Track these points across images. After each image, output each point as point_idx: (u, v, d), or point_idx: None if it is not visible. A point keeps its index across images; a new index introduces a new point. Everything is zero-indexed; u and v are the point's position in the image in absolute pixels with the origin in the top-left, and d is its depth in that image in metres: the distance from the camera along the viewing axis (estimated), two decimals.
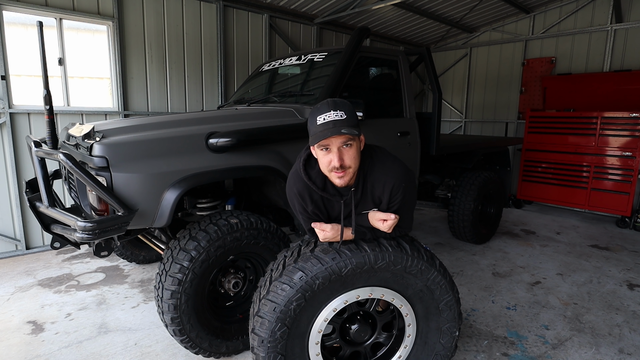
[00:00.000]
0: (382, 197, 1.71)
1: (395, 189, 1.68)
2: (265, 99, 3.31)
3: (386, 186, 1.69)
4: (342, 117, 1.51)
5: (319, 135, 1.52)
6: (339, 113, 1.52)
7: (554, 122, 6.04)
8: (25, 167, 4.05)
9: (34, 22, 2.34)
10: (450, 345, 1.96)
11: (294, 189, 1.75)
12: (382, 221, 1.70)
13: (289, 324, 1.68)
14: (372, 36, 7.28)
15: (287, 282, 1.68)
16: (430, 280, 1.83)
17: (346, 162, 1.57)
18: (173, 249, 2.20)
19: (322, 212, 1.78)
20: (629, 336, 2.76)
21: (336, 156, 1.54)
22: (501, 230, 5.28)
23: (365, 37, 3.19)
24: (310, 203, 1.74)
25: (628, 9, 5.95)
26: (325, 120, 1.51)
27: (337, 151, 1.55)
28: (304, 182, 1.71)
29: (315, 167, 1.71)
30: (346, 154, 1.56)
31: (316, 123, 1.54)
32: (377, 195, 1.73)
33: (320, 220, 1.80)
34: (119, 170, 1.99)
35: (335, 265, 1.67)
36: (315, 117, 1.55)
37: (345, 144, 1.56)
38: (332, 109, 1.53)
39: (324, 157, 1.59)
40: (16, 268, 3.82)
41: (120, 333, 2.73)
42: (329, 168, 1.59)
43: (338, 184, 1.64)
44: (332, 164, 1.56)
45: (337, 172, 1.58)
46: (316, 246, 1.78)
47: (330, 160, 1.56)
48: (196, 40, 5.04)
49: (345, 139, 1.55)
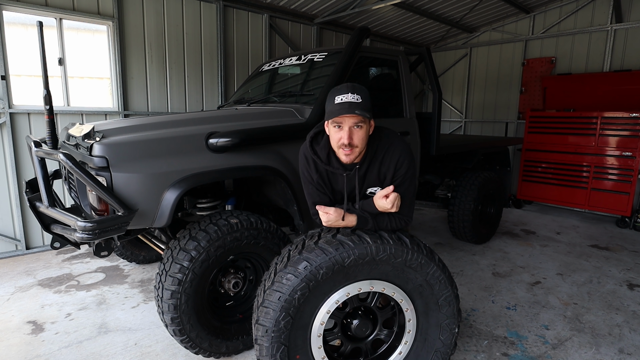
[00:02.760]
0: (387, 172, 1.84)
1: (400, 163, 1.82)
2: (265, 99, 3.30)
3: (392, 161, 1.83)
4: (358, 100, 1.67)
5: (334, 112, 1.69)
6: (356, 96, 1.67)
7: (554, 122, 6.04)
8: (25, 167, 4.05)
9: (34, 22, 2.34)
10: (449, 342, 1.97)
11: (302, 156, 1.93)
12: (384, 198, 1.77)
13: (293, 313, 1.71)
14: (372, 36, 7.28)
15: (292, 272, 1.72)
16: (430, 274, 1.86)
17: (355, 141, 1.72)
18: (173, 249, 2.20)
19: (326, 184, 1.92)
20: (629, 336, 2.76)
21: (346, 134, 1.70)
22: (501, 230, 5.28)
23: (365, 37, 3.19)
24: (315, 172, 1.90)
25: (628, 9, 5.95)
26: (342, 101, 1.67)
27: (348, 130, 1.70)
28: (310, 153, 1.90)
29: (320, 142, 1.88)
30: (356, 134, 1.71)
31: (334, 102, 1.69)
32: (382, 171, 1.85)
33: (325, 193, 1.91)
34: (119, 170, 1.99)
35: (339, 255, 1.71)
36: (334, 96, 1.71)
37: (357, 125, 1.70)
38: (351, 92, 1.68)
39: (336, 134, 1.74)
40: (16, 268, 3.82)
41: (120, 333, 2.73)
42: (338, 144, 1.74)
43: (344, 160, 1.78)
44: (342, 141, 1.71)
45: (344, 150, 1.73)
46: (320, 238, 1.81)
47: (340, 138, 1.72)
48: (196, 40, 5.04)
49: (357, 120, 1.69)
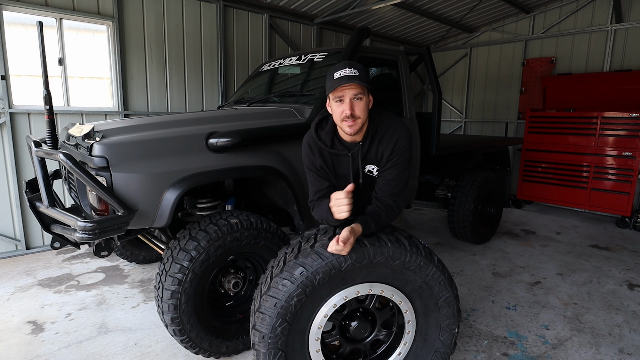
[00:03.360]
0: (385, 152, 1.89)
1: (398, 144, 1.87)
2: (265, 99, 3.30)
3: (391, 141, 1.88)
4: (355, 74, 1.76)
5: (334, 85, 1.77)
6: (353, 70, 1.77)
7: (554, 122, 6.04)
8: (25, 167, 4.05)
9: (34, 22, 2.33)
10: (449, 342, 1.96)
11: (306, 144, 2.00)
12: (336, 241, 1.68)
13: (289, 319, 1.69)
14: (372, 36, 7.28)
15: (288, 278, 1.69)
16: (429, 276, 1.84)
17: (356, 112, 1.79)
18: (173, 249, 2.20)
19: (330, 169, 1.98)
20: (629, 336, 2.76)
21: (348, 106, 1.78)
22: (501, 230, 5.28)
23: (365, 37, 3.19)
24: (319, 156, 1.96)
25: (628, 9, 5.95)
26: (340, 75, 1.77)
27: (349, 102, 1.78)
28: (315, 139, 1.97)
29: (325, 128, 1.96)
30: (357, 105, 1.79)
31: (333, 77, 1.79)
32: (380, 150, 1.90)
33: (327, 178, 1.97)
34: (119, 170, 1.99)
35: (336, 260, 1.69)
36: (333, 73, 1.80)
37: (356, 97, 1.79)
38: (348, 67, 1.78)
39: (338, 108, 1.81)
40: (16, 268, 3.82)
41: (120, 333, 2.73)
42: (341, 117, 1.81)
43: (348, 132, 1.84)
44: (344, 113, 1.78)
45: (347, 121, 1.80)
46: (316, 242, 1.79)
47: (342, 110, 1.79)
48: (196, 40, 5.04)
49: (357, 92, 1.78)
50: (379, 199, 1.88)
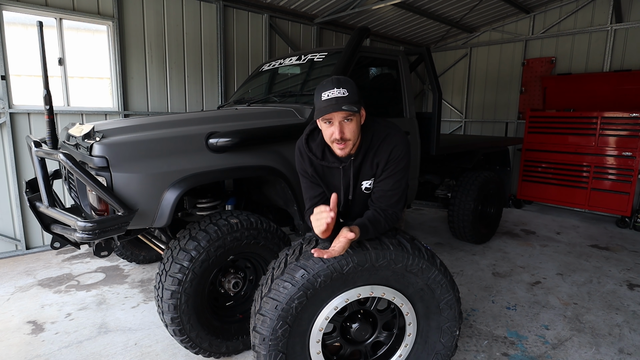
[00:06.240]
0: (380, 161, 1.83)
1: (394, 153, 1.80)
2: (265, 99, 3.30)
3: (387, 150, 1.81)
4: (344, 95, 1.65)
5: (322, 111, 1.68)
6: (342, 90, 1.65)
7: (554, 122, 6.04)
8: (25, 167, 4.05)
9: (34, 22, 2.34)
10: (450, 344, 1.96)
11: (298, 151, 1.94)
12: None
13: (290, 322, 1.68)
14: (372, 36, 7.28)
15: (289, 280, 1.69)
16: (431, 279, 1.83)
17: (346, 134, 1.72)
18: (173, 249, 2.20)
19: (321, 179, 1.93)
20: (629, 336, 2.76)
21: (337, 129, 1.69)
22: (501, 230, 5.28)
23: (365, 37, 3.19)
24: (310, 166, 1.90)
25: (628, 9, 5.95)
26: (328, 97, 1.66)
27: (338, 124, 1.69)
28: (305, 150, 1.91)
29: (316, 139, 1.89)
30: (347, 127, 1.71)
31: (321, 99, 1.69)
32: (376, 161, 1.85)
33: (319, 184, 1.92)
34: (119, 170, 1.99)
35: (337, 263, 1.68)
36: (321, 93, 1.69)
37: (346, 119, 1.70)
38: (336, 87, 1.67)
39: (327, 130, 1.74)
40: (16, 268, 3.82)
41: (120, 333, 2.73)
42: (331, 139, 1.75)
43: (339, 154, 1.79)
44: (334, 137, 1.72)
45: (338, 144, 1.74)
46: (317, 243, 1.78)
47: (332, 133, 1.72)
48: (196, 40, 5.04)
49: (346, 115, 1.69)
50: (376, 209, 1.84)
